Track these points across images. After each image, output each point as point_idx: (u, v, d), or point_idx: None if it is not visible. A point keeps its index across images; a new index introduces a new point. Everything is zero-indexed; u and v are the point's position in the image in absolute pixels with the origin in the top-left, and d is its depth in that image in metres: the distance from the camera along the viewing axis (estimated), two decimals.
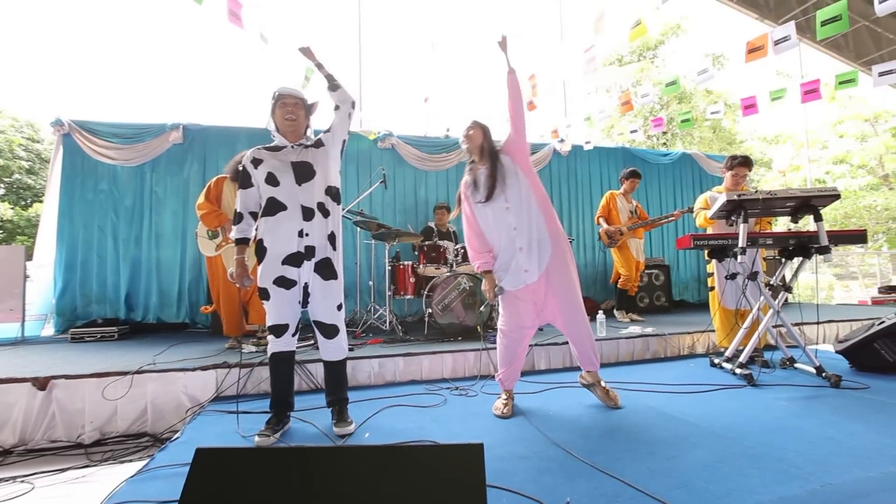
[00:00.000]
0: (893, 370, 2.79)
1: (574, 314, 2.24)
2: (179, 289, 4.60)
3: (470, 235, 2.32)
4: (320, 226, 1.99)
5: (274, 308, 1.96)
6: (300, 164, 2.00)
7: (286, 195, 1.95)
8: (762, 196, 2.63)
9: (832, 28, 2.55)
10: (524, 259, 2.17)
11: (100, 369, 2.57)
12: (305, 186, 1.97)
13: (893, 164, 12.80)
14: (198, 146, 4.75)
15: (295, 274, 1.94)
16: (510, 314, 2.27)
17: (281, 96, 2.02)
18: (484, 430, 1.99)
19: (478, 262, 2.30)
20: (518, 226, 2.19)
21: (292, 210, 1.94)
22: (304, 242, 1.95)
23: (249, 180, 2.01)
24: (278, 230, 1.94)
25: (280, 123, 2.03)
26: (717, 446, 1.74)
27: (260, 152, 2.03)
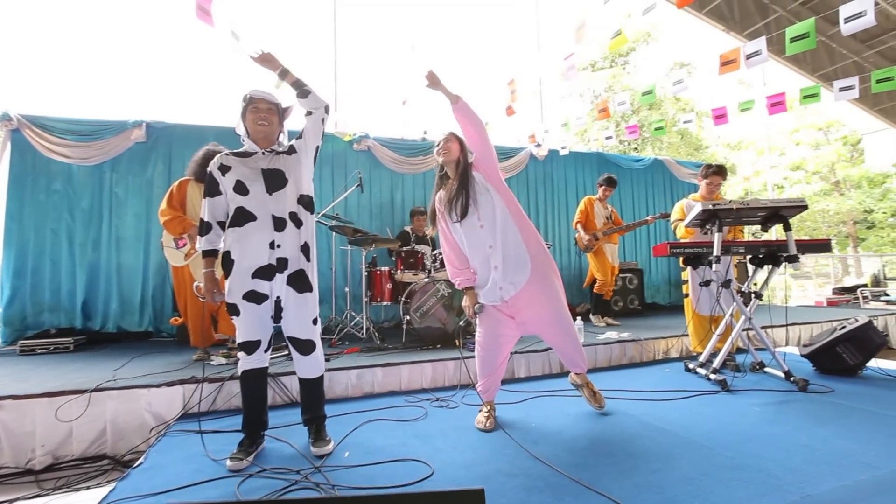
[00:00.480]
0: (854, 373, 2.93)
1: (558, 326, 2.22)
2: (142, 295, 4.35)
3: (447, 251, 2.27)
4: (293, 236, 1.89)
5: (244, 324, 1.85)
6: (271, 171, 1.89)
7: (256, 204, 1.84)
8: (735, 206, 2.70)
9: (800, 45, 2.66)
10: (499, 277, 2.13)
11: (52, 387, 2.38)
12: (277, 195, 1.86)
13: (843, 172, 13.61)
14: (162, 145, 4.50)
15: (266, 287, 1.84)
16: (487, 327, 2.23)
17: (253, 100, 1.90)
18: (467, 446, 1.94)
19: (458, 280, 2.25)
20: (493, 243, 2.13)
21: (262, 220, 1.83)
22: (276, 254, 1.84)
23: (217, 188, 1.88)
24: (247, 242, 1.82)
25: (252, 129, 1.91)
26: (699, 458, 1.76)
27: (228, 158, 1.90)
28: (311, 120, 2.01)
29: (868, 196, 13.67)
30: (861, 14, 2.34)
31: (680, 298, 6.57)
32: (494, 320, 2.21)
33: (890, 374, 2.91)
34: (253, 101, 1.90)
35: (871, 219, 14.06)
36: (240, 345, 1.87)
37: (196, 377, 2.53)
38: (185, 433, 2.16)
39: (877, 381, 2.83)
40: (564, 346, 2.31)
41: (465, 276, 2.22)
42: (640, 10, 2.66)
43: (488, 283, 2.16)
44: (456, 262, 2.24)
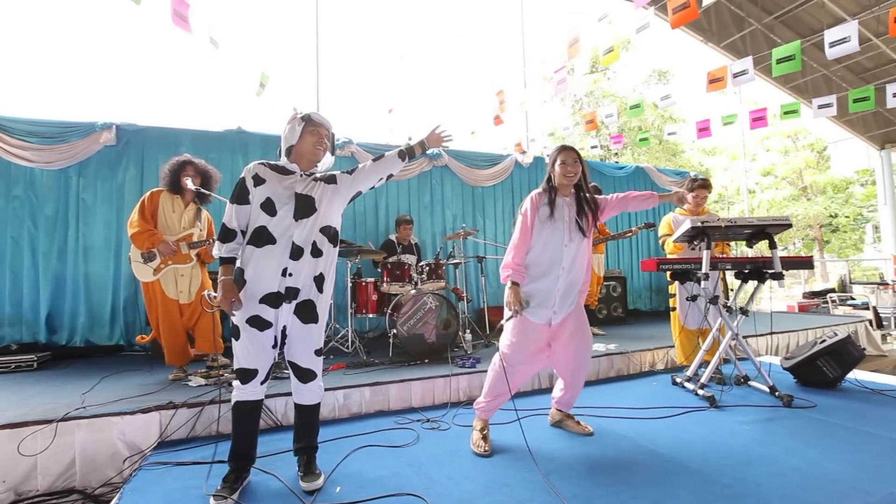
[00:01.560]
0: (833, 385, 3.02)
1: (583, 362, 2.27)
2: (113, 307, 4.13)
3: (519, 245, 2.18)
4: (308, 266, 1.79)
5: (244, 350, 1.74)
6: (304, 197, 1.80)
7: (279, 228, 1.75)
8: (724, 224, 2.73)
9: (786, 66, 2.71)
10: (559, 299, 2.15)
11: (13, 416, 2.21)
12: (302, 223, 1.77)
13: (811, 178, 14.19)
14: (134, 149, 4.28)
15: (272, 315, 1.74)
16: (521, 342, 2.16)
17: (313, 122, 1.84)
18: (463, 476, 1.89)
19: (510, 271, 2.16)
20: (566, 266, 2.15)
21: (281, 245, 1.75)
22: (287, 283, 1.75)
23: (247, 197, 1.78)
24: (261, 265, 1.74)
25: (308, 151, 1.84)
26: (697, 485, 1.76)
27: (265, 171, 1.81)
28: (374, 175, 1.97)
29: (833, 201, 14.29)
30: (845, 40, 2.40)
31: (661, 304, 6.71)
32: (531, 339, 2.17)
33: (866, 385, 3.00)
34: (313, 124, 1.84)
35: (835, 223, 14.70)
36: (236, 371, 1.77)
37: (173, 402, 2.39)
38: (162, 466, 2.03)
39: (855, 393, 2.91)
40: (576, 384, 2.34)
41: (519, 273, 2.16)
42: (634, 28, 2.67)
43: (545, 301, 2.14)
44: (520, 256, 2.18)
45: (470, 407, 2.79)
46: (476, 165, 5.67)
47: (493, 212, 5.81)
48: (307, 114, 1.86)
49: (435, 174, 5.50)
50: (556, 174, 2.21)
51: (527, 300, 2.14)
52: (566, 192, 2.24)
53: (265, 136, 4.72)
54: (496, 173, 5.74)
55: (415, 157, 2.08)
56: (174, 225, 2.97)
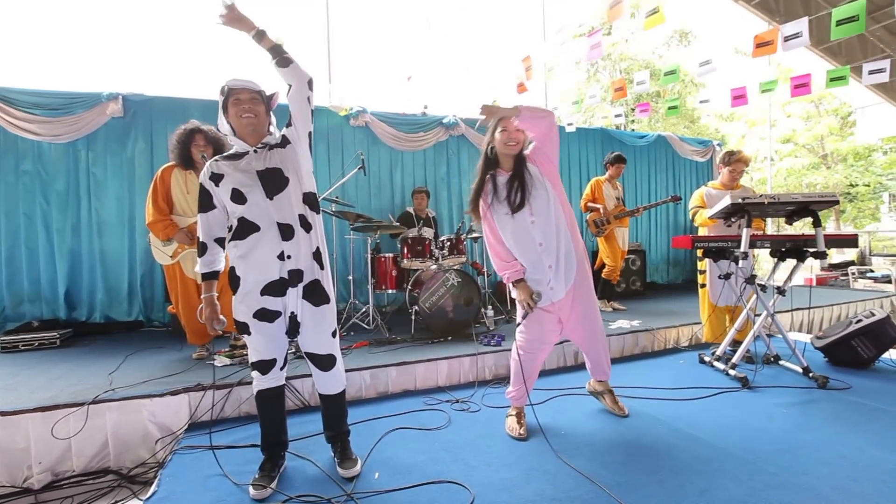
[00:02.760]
0: (867, 365, 2.95)
1: (594, 328, 2.19)
2: (130, 283, 4.10)
3: (493, 244, 2.10)
4: (304, 243, 1.68)
5: (257, 343, 1.69)
6: (268, 172, 1.65)
7: (257, 213, 1.62)
8: (766, 200, 2.59)
9: (848, 29, 2.47)
10: (553, 276, 2.03)
11: (44, 399, 2.20)
12: (279, 199, 1.64)
13: (833, 146, 13.70)
14: (142, 120, 4.12)
15: (279, 304, 1.66)
16: (533, 331, 2.11)
17: (232, 91, 1.62)
18: (502, 462, 1.86)
19: (507, 273, 2.07)
20: (544, 241, 2.01)
21: (267, 230, 1.62)
22: (287, 266, 1.64)
23: (210, 201, 1.66)
24: (252, 256, 1.62)
25: (236, 124, 1.64)
26: (742, 474, 1.72)
27: (219, 165, 1.66)
28: (295, 99, 1.70)
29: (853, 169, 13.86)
30: None
31: (678, 276, 6.62)
32: (541, 324, 2.10)
33: None
34: (233, 93, 1.62)
35: (854, 192, 14.32)
36: (254, 364, 1.72)
37: (202, 384, 2.38)
38: (197, 450, 2.02)
39: (889, 374, 2.85)
40: (596, 350, 2.28)
41: (514, 269, 2.06)
42: None
43: (539, 282, 2.04)
44: (503, 254, 2.08)
45: (498, 386, 2.79)
46: None
47: None
48: (225, 85, 1.63)
49: (451, 144, 5.31)
50: (497, 143, 1.99)
51: (537, 292, 2.04)
52: (508, 165, 2.03)
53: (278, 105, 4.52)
54: None
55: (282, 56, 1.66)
56: (190, 206, 2.86)
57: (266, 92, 1.72)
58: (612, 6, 2.81)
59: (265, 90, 1.71)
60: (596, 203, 4.39)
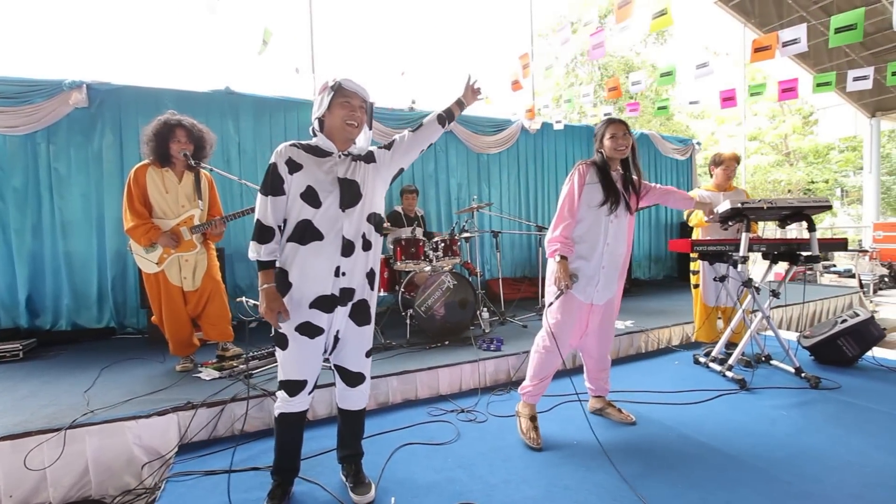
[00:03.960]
0: (851, 363, 3.07)
1: (608, 344, 2.30)
2: (100, 287, 3.81)
3: (566, 216, 2.11)
4: (361, 262, 1.59)
5: (292, 360, 1.57)
6: (348, 182, 1.56)
7: (326, 221, 1.52)
8: (765, 205, 2.63)
9: (846, 37, 2.52)
10: (603, 278, 2.11)
11: (13, 425, 1.99)
12: (350, 212, 1.54)
13: (795, 144, 14.34)
14: (109, 111, 3.81)
15: (324, 320, 1.55)
16: (568, 321, 2.13)
17: (343, 91, 1.54)
18: (521, 478, 1.81)
19: (558, 245, 2.08)
20: (612, 243, 2.11)
21: (330, 241, 1.52)
22: (341, 284, 1.54)
23: (282, 186, 1.53)
24: (309, 265, 1.52)
25: (335, 126, 1.56)
26: (760, 484, 1.73)
27: (299, 153, 1.54)
28: (415, 145, 1.72)
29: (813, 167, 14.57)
30: None
31: (659, 272, 6.77)
32: (572, 311, 2.13)
33: (882, 363, 3.07)
34: (343, 93, 1.54)
35: (814, 188, 15.07)
36: (283, 384, 1.59)
37: (192, 402, 2.21)
38: (190, 476, 1.88)
39: (872, 372, 2.97)
40: (603, 365, 2.35)
41: (568, 246, 2.09)
42: None
43: (589, 279, 2.10)
44: (567, 229, 2.09)
45: (501, 393, 2.75)
46: (481, 131, 5.38)
47: (499, 180, 5.59)
48: (338, 81, 1.55)
49: (439, 140, 5.18)
50: (606, 147, 2.12)
51: (575, 275, 2.08)
52: (615, 165, 2.17)
53: (257, 97, 4.29)
54: (502, 140, 5.47)
55: (454, 119, 1.82)
56: (170, 207, 2.64)
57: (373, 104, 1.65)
58: (621, 6, 2.76)
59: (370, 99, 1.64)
60: None
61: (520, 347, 3.10)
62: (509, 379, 2.96)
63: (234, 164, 4.19)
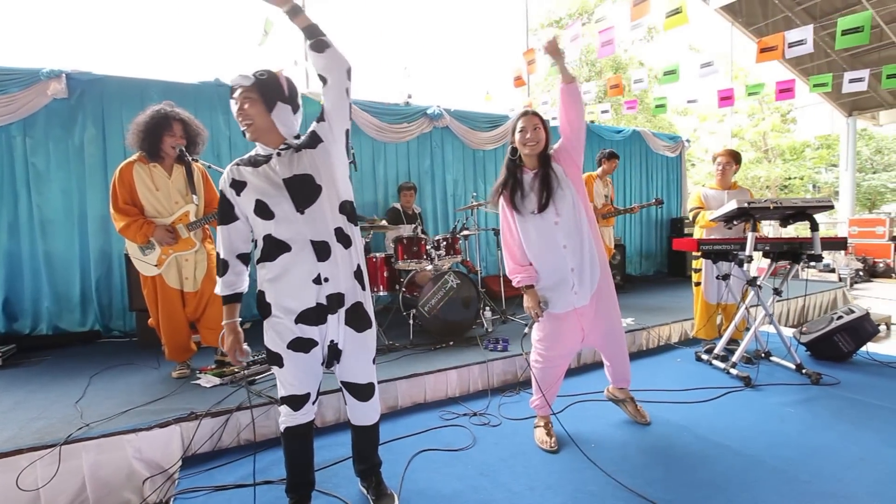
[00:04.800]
0: (846, 358, 3.15)
1: (617, 336, 2.17)
2: (83, 289, 3.62)
3: (510, 245, 2.03)
4: (344, 262, 1.45)
5: (290, 377, 1.48)
6: (296, 179, 1.40)
7: (287, 229, 1.40)
8: (772, 205, 2.65)
9: (853, 39, 2.55)
10: (576, 280, 1.96)
11: (2, 441, 1.86)
12: (311, 211, 1.40)
13: (774, 141, 14.74)
14: (91, 102, 3.60)
15: (315, 333, 1.45)
16: (552, 339, 2.05)
17: (232, 89, 1.41)
18: (545, 485, 1.78)
19: (519, 276, 2.01)
20: (568, 243, 1.95)
21: (299, 250, 1.40)
22: (326, 291, 1.43)
23: (232, 212, 1.45)
24: (284, 280, 1.41)
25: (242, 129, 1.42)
26: (782, 485, 1.74)
27: (240, 171, 1.44)
28: (331, 90, 1.43)
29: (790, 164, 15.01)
30: None
31: (650, 268, 6.86)
32: (561, 331, 2.03)
33: (875, 358, 3.16)
34: (232, 93, 1.40)
35: (790, 185, 15.54)
36: (285, 399, 1.51)
37: (195, 412, 2.11)
38: (199, 492, 1.79)
39: (866, 366, 3.05)
40: (618, 358, 2.26)
41: (527, 274, 1.99)
42: None
43: (560, 287, 1.98)
44: (518, 256, 2.02)
45: (511, 394, 2.72)
46: (477, 127, 5.32)
47: (494, 176, 5.52)
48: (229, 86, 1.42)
49: (435, 136, 5.11)
50: (517, 142, 1.95)
51: (545, 300, 2.00)
52: (533, 164, 1.97)
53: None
54: (497, 136, 5.42)
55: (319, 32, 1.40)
56: (163, 205, 2.50)
57: (266, 75, 1.38)
58: (637, 3, 2.72)
59: (264, 74, 1.38)
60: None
61: (527, 347, 3.06)
62: (517, 379, 2.93)
63: (225, 158, 4.02)
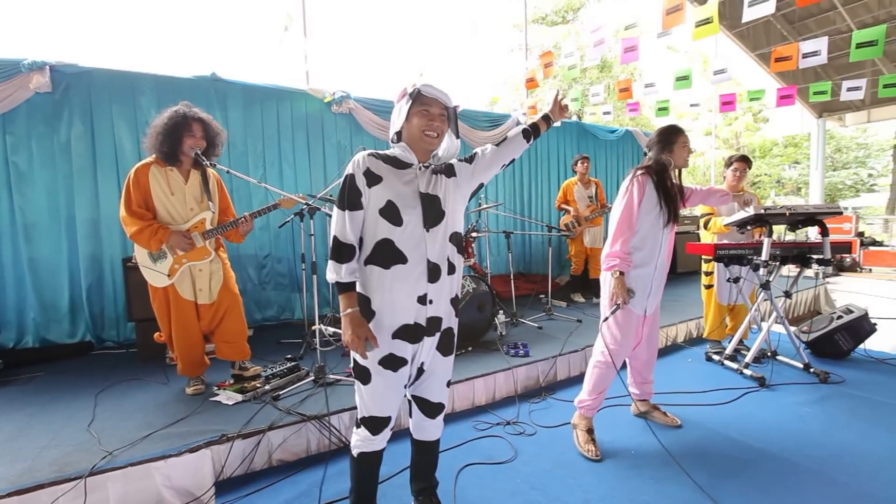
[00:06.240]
0: (845, 356, 3.30)
1: (654, 350, 2.29)
2: (72, 298, 3.37)
3: (625, 229, 2.05)
4: (447, 288, 1.44)
5: (375, 395, 1.41)
6: (430, 197, 1.40)
7: (409, 241, 1.36)
8: (787, 212, 2.74)
9: (867, 52, 2.65)
10: (653, 291, 2.13)
11: (16, 476, 1.71)
12: (434, 232, 1.38)
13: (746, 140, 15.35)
14: (77, 97, 3.33)
15: (409, 351, 1.40)
16: (627, 335, 2.12)
17: (422, 98, 1.38)
18: (598, 496, 1.78)
19: (617, 261, 2.04)
20: (661, 259, 2.13)
21: (414, 265, 1.36)
22: (428, 313, 1.39)
23: (360, 200, 1.37)
24: (392, 290, 1.36)
25: (414, 137, 1.40)
26: (822, 486, 1.80)
27: (379, 165, 1.39)
28: (497, 160, 1.58)
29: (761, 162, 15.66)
30: None
31: None
32: (631, 328, 2.12)
33: (872, 355, 3.33)
34: (422, 100, 1.38)
35: (759, 181, 16.24)
36: (365, 420, 1.44)
37: (226, 434, 1.99)
38: None
39: (865, 364, 3.21)
40: (649, 370, 2.37)
41: (626, 262, 2.06)
42: None
43: (641, 290, 2.10)
44: (627, 242, 2.06)
45: (537, 400, 2.72)
46: (478, 126, 5.27)
47: (496, 176, 5.51)
48: (417, 88, 1.40)
49: None
50: (676, 156, 2.13)
51: (632, 290, 2.07)
52: (674, 174, 2.18)
53: (247, 85, 3.92)
54: (497, 135, 5.38)
55: (539, 136, 1.71)
56: (178, 211, 2.35)
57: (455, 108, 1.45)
58: (670, 12, 2.72)
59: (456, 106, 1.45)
60: (568, 206, 4.77)
61: (545, 352, 3.08)
62: (539, 384, 2.94)
63: (223, 158, 3.81)
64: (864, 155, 15.70)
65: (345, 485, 1.84)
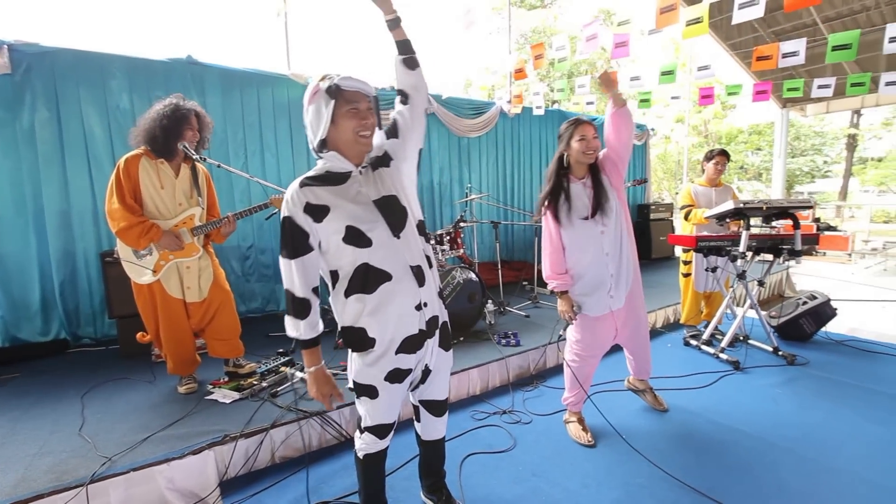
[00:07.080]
0: (808, 339, 3.55)
1: (643, 332, 2.32)
2: (43, 294, 3.20)
3: (551, 252, 2.11)
4: (433, 284, 1.40)
5: (383, 407, 1.41)
6: (384, 201, 1.30)
7: (386, 256, 1.28)
8: (765, 206, 2.89)
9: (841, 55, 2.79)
10: (613, 284, 2.09)
11: (12, 485, 1.66)
12: (405, 236, 1.31)
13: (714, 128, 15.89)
14: (40, 80, 3.10)
15: (412, 361, 1.39)
16: (588, 339, 2.17)
17: (345, 94, 1.21)
18: (597, 481, 1.89)
19: (555, 283, 2.12)
20: (611, 251, 2.07)
21: (401, 277, 1.29)
22: (426, 316, 1.37)
23: (306, 243, 1.25)
24: (387, 311, 1.29)
25: (349, 141, 1.25)
26: (795, 463, 1.96)
27: (319, 192, 1.25)
28: (413, 109, 1.40)
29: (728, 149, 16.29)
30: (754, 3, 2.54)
31: None
32: (596, 332, 2.16)
33: (831, 337, 3.59)
34: (344, 96, 1.21)
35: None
36: (369, 428, 1.45)
37: (228, 433, 1.98)
38: None
39: (826, 345, 3.46)
40: (642, 352, 2.41)
41: (563, 281, 2.11)
42: None
43: (598, 290, 2.08)
44: (557, 264, 2.11)
45: (529, 389, 2.81)
46: (462, 114, 5.23)
47: (479, 164, 5.52)
48: (334, 83, 1.20)
49: None
50: (574, 151, 1.99)
51: (578, 305, 2.12)
52: (581, 172, 2.05)
53: (225, 69, 3.74)
54: (482, 123, 5.37)
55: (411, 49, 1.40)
56: (166, 205, 2.27)
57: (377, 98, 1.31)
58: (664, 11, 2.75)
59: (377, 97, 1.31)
60: None
61: (535, 341, 3.17)
62: (530, 372, 3.03)
63: None
64: (820, 143, 16.57)
65: (351, 479, 1.90)
